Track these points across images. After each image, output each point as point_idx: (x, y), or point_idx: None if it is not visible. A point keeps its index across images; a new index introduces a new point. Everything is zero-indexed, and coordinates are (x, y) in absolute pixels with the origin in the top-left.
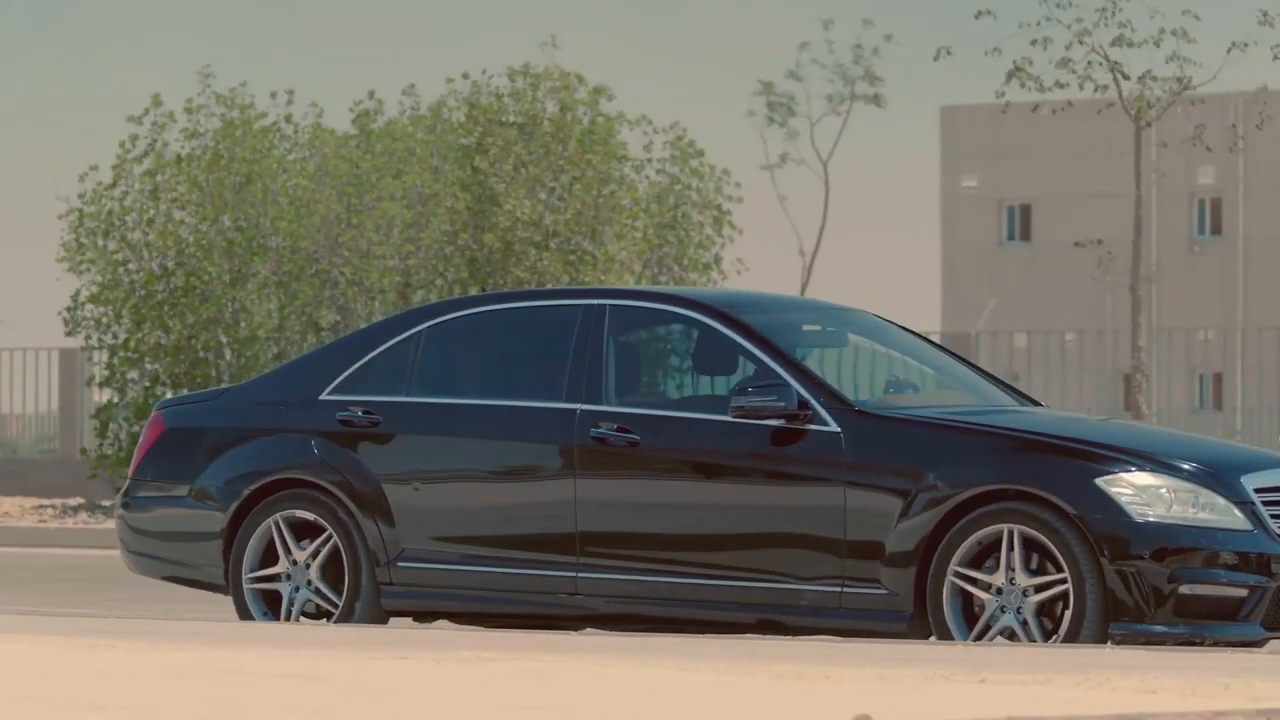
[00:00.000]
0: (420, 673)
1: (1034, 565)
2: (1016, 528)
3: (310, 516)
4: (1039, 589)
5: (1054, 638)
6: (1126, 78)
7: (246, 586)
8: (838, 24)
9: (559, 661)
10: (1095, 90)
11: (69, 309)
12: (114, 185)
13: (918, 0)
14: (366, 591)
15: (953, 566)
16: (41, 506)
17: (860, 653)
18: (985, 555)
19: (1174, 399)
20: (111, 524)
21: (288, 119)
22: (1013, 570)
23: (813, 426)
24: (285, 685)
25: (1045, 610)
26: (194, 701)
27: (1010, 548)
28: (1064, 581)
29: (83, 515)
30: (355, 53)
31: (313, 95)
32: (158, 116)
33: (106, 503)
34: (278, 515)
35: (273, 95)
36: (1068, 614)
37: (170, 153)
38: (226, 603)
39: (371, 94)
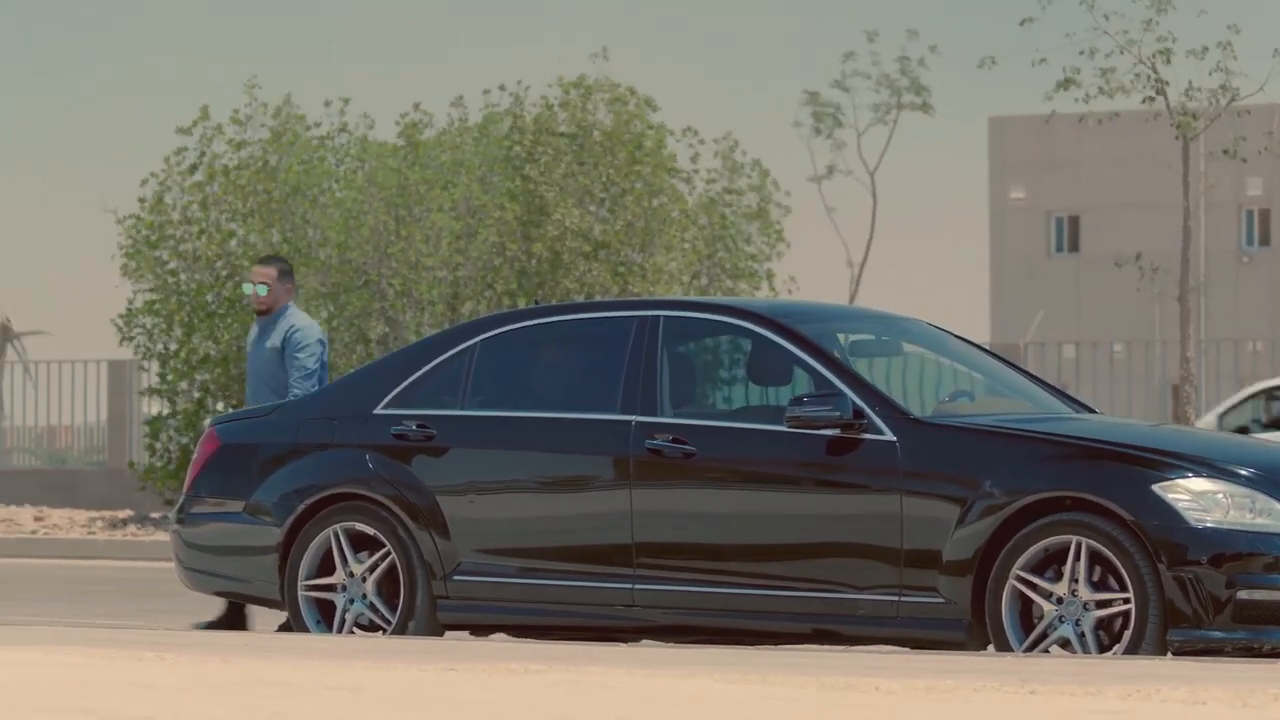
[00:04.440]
0: (468, 684)
1: (1096, 578)
2: (1085, 540)
3: (370, 530)
4: (1100, 605)
5: (1110, 653)
6: (1160, 95)
7: (301, 594)
8: (883, 35)
9: (607, 673)
10: (1142, 101)
11: (123, 316)
12: (160, 200)
13: (963, 12)
14: (422, 605)
15: (1015, 570)
16: (91, 518)
17: (909, 664)
18: (1048, 563)
19: None
20: (160, 536)
21: (343, 128)
22: (1076, 582)
23: (868, 436)
24: (333, 697)
25: (1103, 624)
26: (241, 713)
27: (1077, 558)
28: (1127, 601)
29: (131, 527)
30: (403, 64)
31: (360, 106)
32: (206, 128)
33: (156, 515)
34: (338, 525)
35: (326, 104)
36: (1127, 633)
37: (219, 164)
38: (277, 616)
39: (417, 105)
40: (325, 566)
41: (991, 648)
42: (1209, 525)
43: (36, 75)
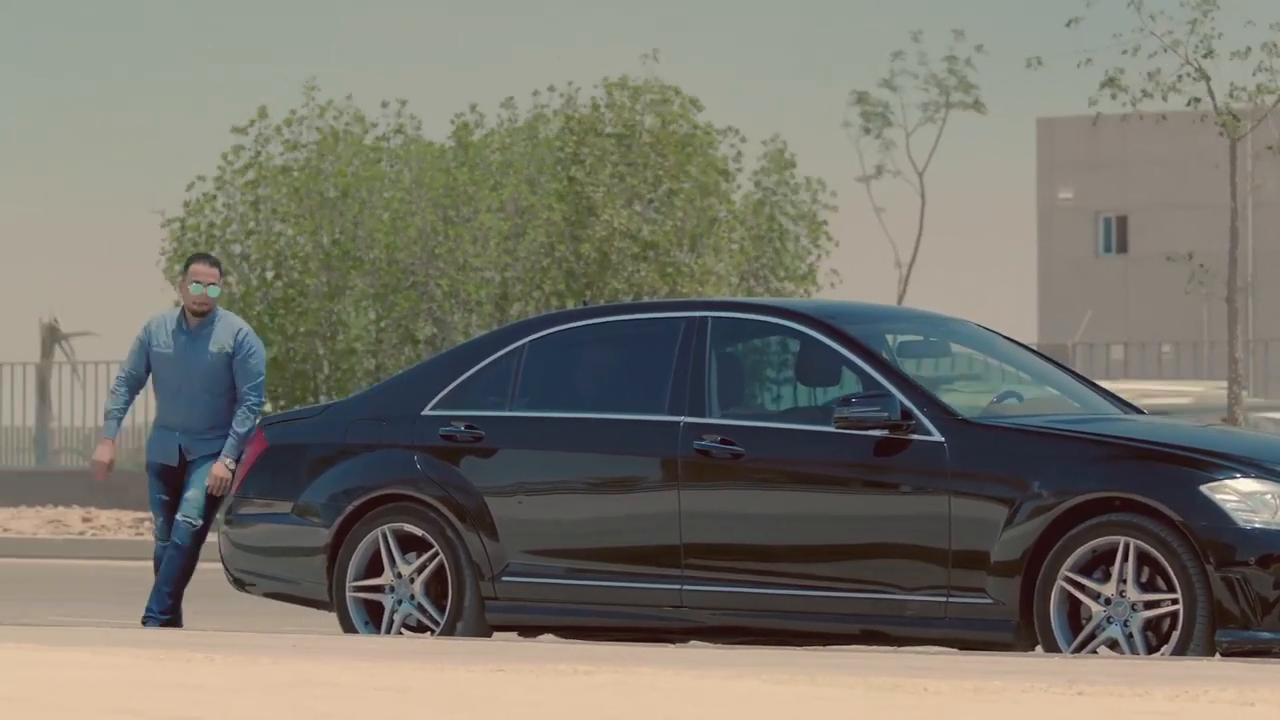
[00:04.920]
0: (516, 685)
1: (1144, 579)
2: (1133, 541)
3: (418, 531)
4: (1148, 605)
5: (1158, 654)
6: (1208, 95)
7: (349, 595)
8: (928, 35)
9: (655, 674)
10: (1188, 103)
11: None
12: (214, 198)
13: (1009, 12)
14: (470, 606)
15: (1064, 571)
16: (139, 519)
17: (957, 665)
18: (1096, 564)
19: None
20: (208, 537)
21: (399, 130)
22: (1124, 582)
23: (916, 436)
24: (381, 698)
25: (1151, 625)
26: (289, 714)
27: (1125, 559)
28: (1175, 602)
29: None
30: (454, 66)
31: (410, 108)
32: (262, 129)
33: None
34: (385, 526)
35: (384, 105)
36: (1175, 633)
37: (273, 165)
38: (325, 617)
39: (473, 107)
40: (373, 567)
41: (1039, 649)
42: (1257, 526)
43: (83, 77)
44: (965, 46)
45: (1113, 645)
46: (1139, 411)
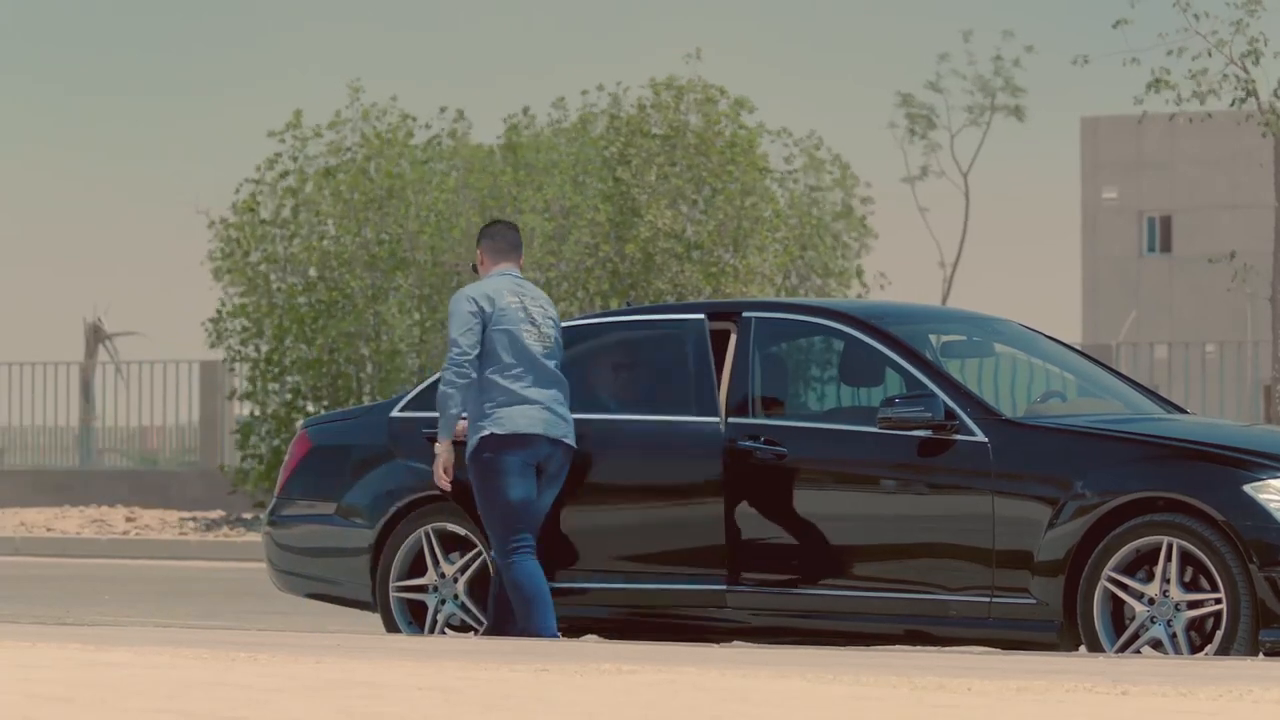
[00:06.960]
0: (561, 685)
1: (1187, 579)
2: (1176, 541)
3: (461, 531)
4: (1192, 605)
5: (1202, 653)
6: (1251, 96)
7: (393, 595)
8: (977, 35)
9: (700, 674)
10: (1232, 103)
11: (213, 321)
12: (257, 201)
13: (1057, 12)
14: None
15: (1107, 571)
16: (183, 519)
17: (1002, 665)
18: (1140, 564)
19: None
20: (253, 537)
21: (453, 135)
22: (1167, 582)
23: (960, 437)
24: (426, 698)
25: (1195, 625)
26: (333, 714)
27: (1169, 559)
28: (1218, 601)
29: (224, 528)
30: (502, 69)
31: (457, 111)
32: (299, 132)
33: (248, 515)
34: (429, 526)
35: (442, 110)
36: (1219, 633)
37: (314, 167)
38: (367, 618)
39: (526, 109)
40: (416, 567)
41: (1083, 649)
42: None
43: (129, 82)
44: (1014, 46)
45: (1156, 645)
46: (1183, 411)
